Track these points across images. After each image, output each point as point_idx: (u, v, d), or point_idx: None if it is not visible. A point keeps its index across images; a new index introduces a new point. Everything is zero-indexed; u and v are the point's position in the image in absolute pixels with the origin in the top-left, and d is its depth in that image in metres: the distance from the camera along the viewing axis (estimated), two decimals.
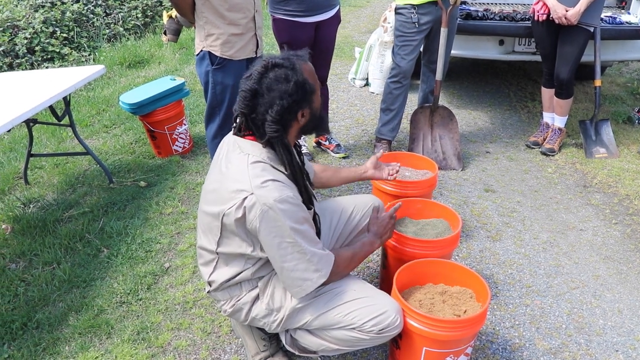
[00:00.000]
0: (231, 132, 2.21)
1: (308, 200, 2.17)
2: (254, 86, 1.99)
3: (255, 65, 2.05)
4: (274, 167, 2.05)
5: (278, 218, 1.96)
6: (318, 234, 2.24)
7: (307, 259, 2.03)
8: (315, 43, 3.95)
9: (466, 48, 5.08)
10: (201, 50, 3.26)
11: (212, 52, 3.22)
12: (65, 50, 7.11)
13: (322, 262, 2.07)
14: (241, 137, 2.13)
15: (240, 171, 2.02)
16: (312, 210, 2.23)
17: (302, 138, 2.63)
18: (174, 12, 3.69)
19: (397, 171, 2.86)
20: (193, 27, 3.39)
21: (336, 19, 4.02)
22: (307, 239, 2.03)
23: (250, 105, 2.01)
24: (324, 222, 2.53)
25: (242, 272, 2.19)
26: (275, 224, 1.97)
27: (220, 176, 2.11)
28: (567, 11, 4.09)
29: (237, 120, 2.12)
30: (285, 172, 2.08)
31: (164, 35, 3.86)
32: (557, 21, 4.17)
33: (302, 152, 2.67)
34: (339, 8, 4.03)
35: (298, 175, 2.12)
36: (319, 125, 2.21)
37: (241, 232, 2.07)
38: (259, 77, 2.00)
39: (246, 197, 1.97)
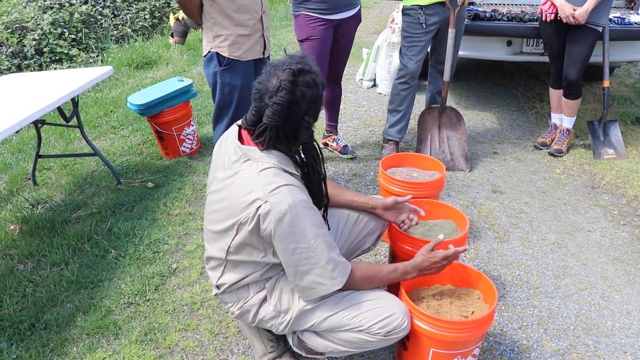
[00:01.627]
0: (230, 138, 2.16)
1: (321, 202, 2.17)
2: (288, 97, 1.93)
3: (279, 76, 1.96)
4: (285, 171, 2.04)
5: (293, 224, 1.94)
6: None
7: (322, 264, 2.00)
8: (334, 40, 3.97)
9: (474, 49, 5.07)
10: (209, 52, 3.27)
11: (220, 53, 3.23)
12: (74, 51, 7.14)
13: (338, 270, 2.04)
14: (242, 142, 2.11)
15: (251, 180, 2.00)
16: (322, 211, 2.23)
17: None
18: (180, 14, 3.70)
19: (416, 224, 2.55)
20: (200, 29, 3.39)
21: (357, 18, 4.03)
22: (325, 242, 2.01)
23: (284, 116, 1.96)
24: (331, 225, 2.52)
25: (250, 274, 2.20)
26: (290, 230, 1.95)
27: (227, 187, 2.08)
28: (574, 10, 4.08)
29: (264, 135, 2.01)
30: (297, 173, 2.08)
31: (171, 38, 3.87)
32: (564, 20, 4.16)
33: None
34: (360, 8, 4.04)
35: (319, 179, 2.12)
36: None
37: (254, 240, 2.06)
38: (291, 87, 1.94)
39: (260, 206, 1.95)
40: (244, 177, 2.02)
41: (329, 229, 2.34)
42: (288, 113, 1.95)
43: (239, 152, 2.08)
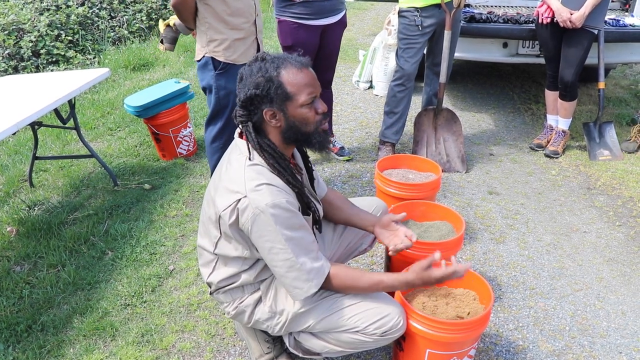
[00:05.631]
0: (236, 134, 2.22)
1: (307, 207, 2.17)
2: (242, 70, 2.04)
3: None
4: (271, 171, 2.05)
5: (269, 223, 1.95)
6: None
7: (297, 268, 2.01)
8: (321, 47, 3.96)
9: (470, 50, 5.08)
10: (203, 56, 3.24)
11: (215, 57, 3.21)
12: (70, 53, 7.12)
13: (314, 273, 2.04)
14: (242, 138, 2.13)
15: (237, 173, 2.03)
16: (311, 216, 2.22)
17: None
18: (171, 21, 3.66)
19: (409, 247, 2.29)
20: (191, 35, 3.36)
21: (342, 24, 4.02)
22: (300, 246, 2.01)
23: (238, 88, 2.06)
24: (328, 227, 2.53)
25: (241, 273, 2.20)
26: (266, 228, 1.96)
27: (219, 178, 2.12)
28: (571, 14, 4.09)
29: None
30: (283, 178, 2.07)
31: (160, 44, 3.82)
32: (561, 25, 4.17)
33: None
34: (345, 13, 4.03)
35: (286, 175, 2.06)
36: (301, 139, 2.09)
37: (236, 234, 2.08)
38: (249, 64, 2.04)
39: (240, 200, 1.97)
40: (233, 169, 2.06)
41: (320, 232, 2.34)
42: (239, 86, 2.04)
43: (237, 145, 2.13)
